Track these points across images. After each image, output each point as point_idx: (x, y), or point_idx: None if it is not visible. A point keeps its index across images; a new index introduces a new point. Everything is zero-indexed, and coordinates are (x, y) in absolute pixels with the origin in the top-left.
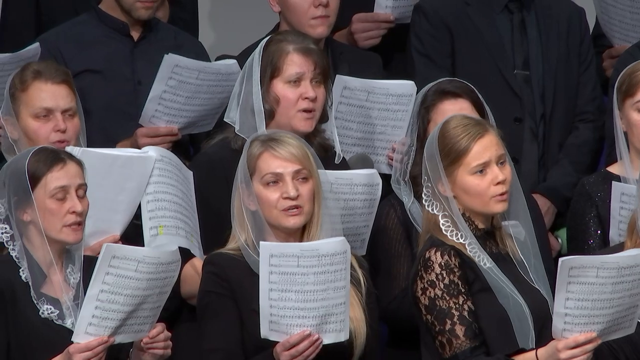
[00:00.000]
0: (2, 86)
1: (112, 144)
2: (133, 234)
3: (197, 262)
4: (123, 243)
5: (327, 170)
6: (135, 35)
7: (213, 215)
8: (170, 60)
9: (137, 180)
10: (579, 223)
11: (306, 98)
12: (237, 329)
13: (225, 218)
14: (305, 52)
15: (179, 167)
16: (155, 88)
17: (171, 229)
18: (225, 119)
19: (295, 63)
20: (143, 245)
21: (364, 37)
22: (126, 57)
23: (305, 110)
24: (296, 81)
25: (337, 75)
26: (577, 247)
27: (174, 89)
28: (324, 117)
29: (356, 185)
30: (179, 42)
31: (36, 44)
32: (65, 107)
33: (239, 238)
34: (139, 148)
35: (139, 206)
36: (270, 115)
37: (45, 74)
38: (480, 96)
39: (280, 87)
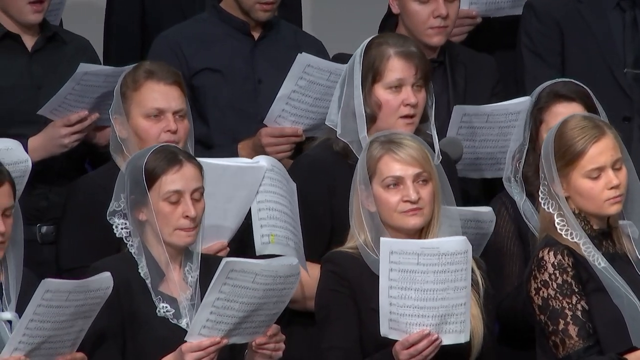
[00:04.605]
0: (103, 100)
1: (232, 143)
2: (240, 233)
3: None
4: (229, 247)
5: None
6: (256, 34)
7: (312, 217)
8: (303, 59)
9: (247, 189)
10: None
11: (408, 104)
12: (356, 327)
13: (324, 220)
14: (406, 57)
15: (287, 179)
16: (285, 87)
17: (282, 239)
18: (326, 122)
19: (396, 69)
20: (251, 245)
21: None
22: (246, 55)
23: (407, 116)
24: (397, 87)
25: (455, 106)
26: None
27: (303, 89)
28: (424, 118)
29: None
30: (299, 41)
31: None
32: (177, 109)
33: (358, 238)
34: (262, 147)
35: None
36: (371, 119)
37: (157, 74)
38: (595, 99)
39: (381, 92)
